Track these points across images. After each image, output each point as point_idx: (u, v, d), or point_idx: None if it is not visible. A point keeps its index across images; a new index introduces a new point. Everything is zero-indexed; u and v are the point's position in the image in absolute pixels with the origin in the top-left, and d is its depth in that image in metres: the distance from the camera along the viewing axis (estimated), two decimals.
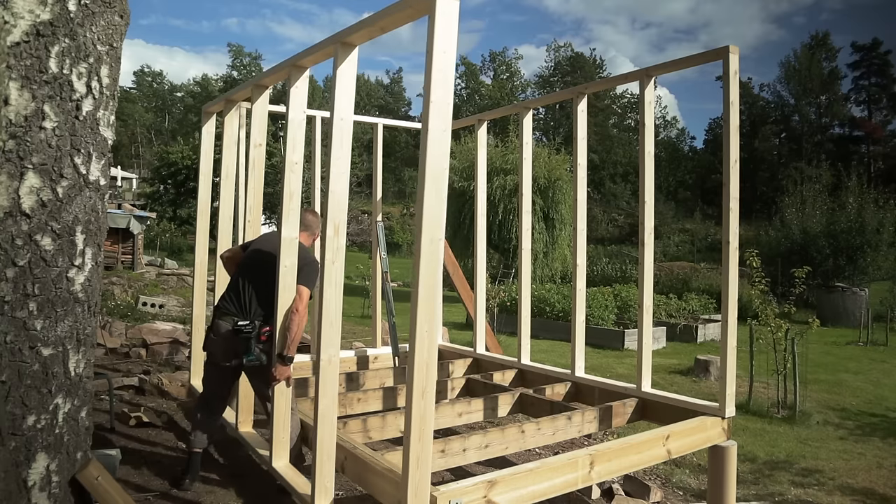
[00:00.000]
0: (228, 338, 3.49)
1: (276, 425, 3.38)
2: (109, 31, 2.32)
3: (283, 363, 3.32)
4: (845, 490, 4.58)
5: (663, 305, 13.53)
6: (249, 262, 3.67)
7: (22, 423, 2.10)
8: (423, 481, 2.37)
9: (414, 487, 2.34)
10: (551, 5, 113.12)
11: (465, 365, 5.47)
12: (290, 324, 3.30)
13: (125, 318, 9.46)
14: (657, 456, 3.42)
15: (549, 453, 4.68)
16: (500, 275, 18.55)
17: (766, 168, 48.48)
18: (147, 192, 33.67)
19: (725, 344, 3.56)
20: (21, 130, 2.07)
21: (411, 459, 2.34)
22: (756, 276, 7.37)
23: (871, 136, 50.48)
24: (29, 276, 2.11)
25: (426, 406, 2.38)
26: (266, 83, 3.80)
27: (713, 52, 3.62)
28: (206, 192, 4.96)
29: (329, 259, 2.79)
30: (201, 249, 4.98)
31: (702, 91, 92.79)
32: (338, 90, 2.75)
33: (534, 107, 5.31)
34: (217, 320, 3.58)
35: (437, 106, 2.26)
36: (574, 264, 4.52)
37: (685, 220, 45.64)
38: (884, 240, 17.59)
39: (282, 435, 3.41)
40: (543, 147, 21.10)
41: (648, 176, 3.99)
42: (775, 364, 6.98)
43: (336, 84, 2.75)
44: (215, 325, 3.58)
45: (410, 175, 57.29)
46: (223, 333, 3.52)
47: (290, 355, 3.33)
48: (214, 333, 3.58)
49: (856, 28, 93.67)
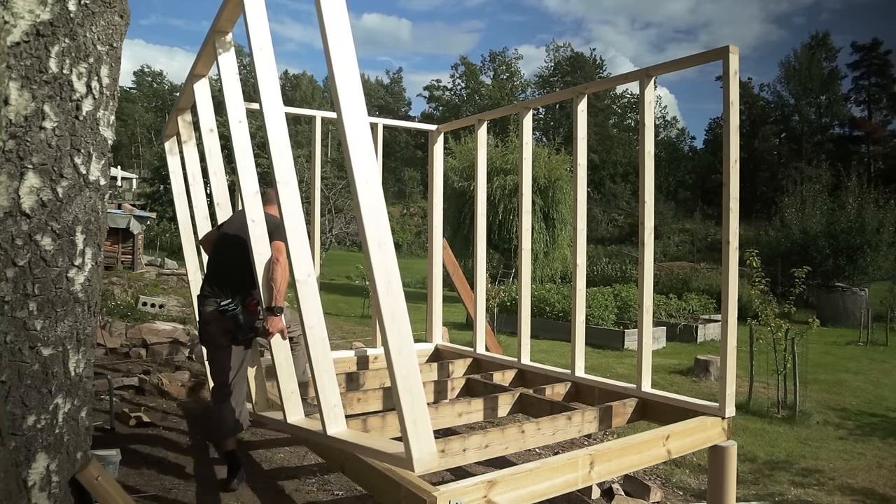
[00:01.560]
0: (216, 320, 3.57)
1: (281, 380, 3.35)
2: (109, 31, 2.32)
3: (272, 314, 3.35)
4: (845, 490, 4.58)
5: (663, 305, 13.53)
6: (220, 246, 3.79)
7: (22, 423, 2.10)
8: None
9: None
10: (551, 5, 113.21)
11: (465, 365, 5.47)
12: (274, 275, 3.35)
13: (125, 318, 9.46)
14: (657, 456, 3.42)
15: (549, 453, 4.68)
16: (500, 275, 18.55)
17: (766, 168, 48.50)
18: (147, 192, 33.67)
19: (725, 344, 3.56)
20: (21, 130, 2.07)
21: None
22: (756, 276, 7.37)
23: (871, 136, 50.50)
24: (29, 276, 2.11)
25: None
26: (200, 72, 3.93)
27: (713, 52, 3.62)
28: (184, 215, 4.85)
29: (281, 181, 2.95)
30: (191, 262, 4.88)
31: (702, 91, 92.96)
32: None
33: (534, 107, 5.31)
34: (201, 308, 3.67)
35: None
36: (574, 264, 4.52)
37: (685, 220, 45.66)
38: (884, 240, 17.58)
39: (289, 388, 3.38)
40: (543, 147, 21.10)
41: (648, 176, 3.99)
42: (775, 364, 6.98)
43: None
44: (202, 313, 3.68)
45: (410, 175, 57.33)
46: (209, 317, 3.60)
47: (279, 306, 3.36)
48: (203, 321, 3.67)
49: (856, 28, 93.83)
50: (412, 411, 2.22)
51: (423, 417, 2.26)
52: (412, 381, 2.22)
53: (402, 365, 2.22)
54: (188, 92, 4.08)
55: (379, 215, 2.30)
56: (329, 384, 2.89)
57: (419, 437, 2.25)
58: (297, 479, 3.99)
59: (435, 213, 6.04)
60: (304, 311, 2.94)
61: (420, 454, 2.25)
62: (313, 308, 2.97)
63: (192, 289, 4.94)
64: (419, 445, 2.25)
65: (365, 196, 2.29)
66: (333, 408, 2.90)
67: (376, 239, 2.27)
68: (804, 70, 50.35)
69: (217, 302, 3.56)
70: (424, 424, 2.26)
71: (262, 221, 3.40)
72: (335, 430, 2.88)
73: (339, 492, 3.86)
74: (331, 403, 2.89)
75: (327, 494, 3.83)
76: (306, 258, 3.00)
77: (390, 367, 2.22)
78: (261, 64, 3.02)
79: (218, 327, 3.60)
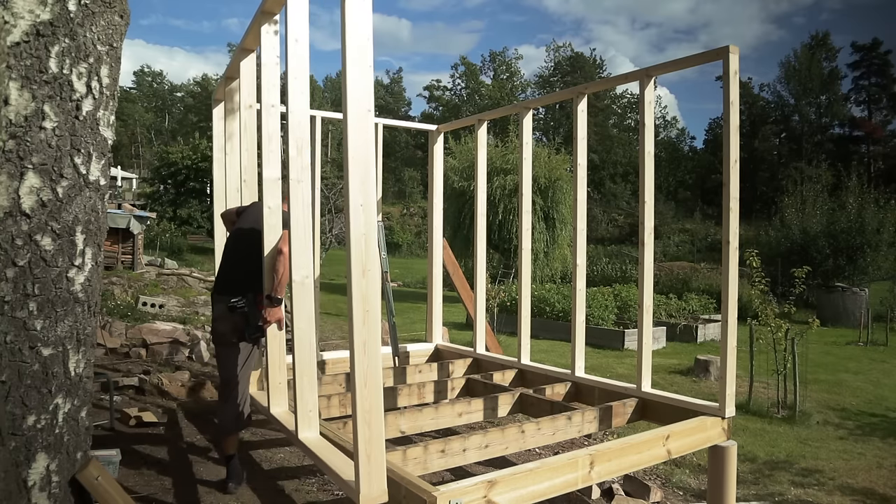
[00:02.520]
0: (227, 317, 3.59)
1: (271, 370, 3.36)
2: (109, 31, 2.32)
3: (272, 304, 3.36)
4: (845, 490, 4.58)
5: (663, 305, 13.53)
6: (234, 242, 3.79)
7: (22, 423, 2.10)
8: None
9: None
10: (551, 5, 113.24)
11: (465, 365, 5.46)
12: (277, 264, 3.35)
13: (125, 318, 9.46)
14: (657, 456, 3.41)
15: (549, 453, 4.68)
16: (500, 275, 18.55)
17: (766, 168, 48.50)
18: (147, 192, 33.66)
19: (725, 344, 3.56)
20: (21, 130, 2.07)
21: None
22: (756, 276, 7.36)
23: (871, 136, 50.49)
24: (29, 276, 2.11)
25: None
26: (249, 46, 3.85)
27: (713, 52, 3.62)
28: (220, 178, 4.79)
29: (294, 178, 2.88)
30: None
31: (702, 91, 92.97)
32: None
33: (534, 107, 5.30)
34: (214, 304, 3.71)
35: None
36: (574, 264, 4.52)
37: (685, 220, 45.65)
38: (884, 240, 17.57)
39: (278, 379, 3.39)
40: (543, 147, 21.09)
41: (648, 176, 3.98)
42: (775, 364, 6.97)
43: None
44: (214, 309, 3.72)
45: (410, 175, 57.32)
46: (221, 314, 3.63)
47: (279, 296, 3.37)
48: (214, 317, 3.71)
49: (856, 28, 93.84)
50: (367, 445, 2.21)
51: (379, 453, 2.24)
52: (374, 414, 2.19)
53: (365, 398, 2.19)
54: (235, 64, 4.04)
55: (369, 241, 2.22)
56: (308, 387, 2.89)
57: (371, 473, 2.24)
58: (297, 479, 3.99)
59: (435, 213, 6.04)
60: (296, 312, 2.93)
61: (369, 489, 2.24)
62: (305, 310, 2.96)
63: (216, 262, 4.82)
64: (369, 481, 2.24)
65: (357, 219, 2.21)
66: (309, 412, 2.91)
67: (361, 265, 2.20)
68: (804, 70, 50.34)
69: (228, 299, 3.57)
70: (378, 460, 2.24)
71: (278, 209, 3.39)
72: (306, 434, 2.90)
73: (339, 492, 3.86)
74: (307, 407, 2.90)
75: (327, 494, 3.83)
76: (307, 260, 2.99)
77: (353, 397, 2.19)
78: (294, 55, 2.94)
79: (227, 324, 3.61)
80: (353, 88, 2.22)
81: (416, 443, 3.38)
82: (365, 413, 2.19)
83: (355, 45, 2.22)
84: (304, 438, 2.89)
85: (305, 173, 2.94)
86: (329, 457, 2.70)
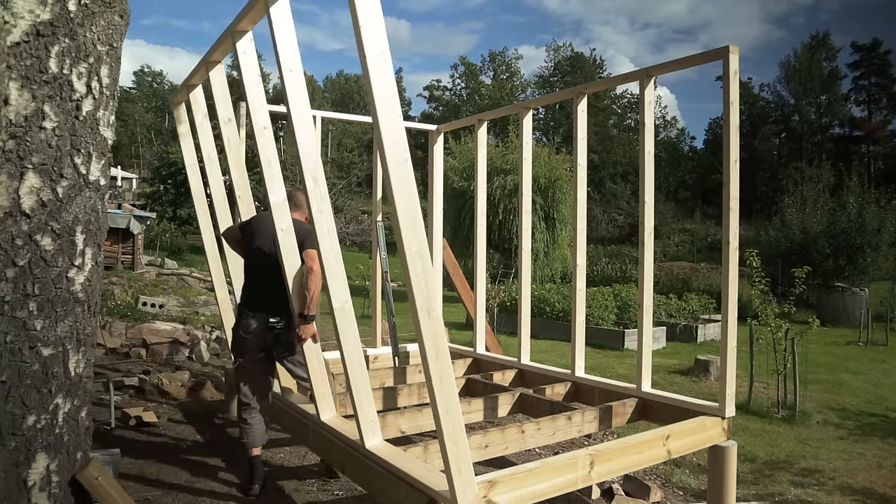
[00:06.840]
0: (259, 334, 3.64)
1: (315, 382, 3.45)
2: (109, 31, 2.32)
3: (305, 322, 3.43)
4: (845, 490, 4.58)
5: (663, 305, 13.52)
6: (258, 261, 3.77)
7: (22, 423, 2.10)
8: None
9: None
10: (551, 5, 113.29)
11: (465, 365, 5.46)
12: (309, 283, 3.41)
13: (125, 318, 9.46)
14: (657, 456, 3.41)
15: (549, 453, 4.68)
16: (500, 275, 18.55)
17: (766, 168, 48.51)
18: (147, 192, 33.67)
19: (725, 344, 3.56)
20: (21, 130, 2.07)
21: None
22: (756, 276, 7.36)
23: (871, 136, 50.48)
24: (29, 276, 2.11)
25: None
26: (216, 59, 3.86)
27: (713, 52, 3.62)
28: (197, 183, 4.80)
29: (316, 209, 2.95)
30: (208, 238, 4.85)
31: (702, 91, 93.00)
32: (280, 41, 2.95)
33: (534, 107, 5.30)
34: (245, 320, 3.68)
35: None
36: (574, 264, 4.52)
37: (685, 220, 45.62)
38: (884, 240, 17.56)
39: (323, 389, 3.47)
40: (543, 147, 21.05)
41: (648, 176, 3.98)
42: (775, 364, 6.97)
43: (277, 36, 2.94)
44: (244, 324, 3.68)
45: None
46: (254, 331, 3.64)
47: (312, 314, 3.44)
48: (244, 332, 3.68)
49: (856, 28, 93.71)
50: (457, 461, 2.42)
51: (467, 467, 2.46)
52: (458, 434, 2.42)
53: (448, 423, 2.41)
54: (200, 72, 4.02)
55: (429, 285, 2.36)
56: (366, 401, 3.02)
57: (464, 485, 2.44)
58: (297, 479, 3.99)
59: (435, 213, 6.04)
60: (342, 337, 3.04)
61: (464, 499, 2.44)
62: (350, 333, 3.08)
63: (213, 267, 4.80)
64: (464, 492, 2.44)
65: (414, 266, 2.33)
66: (371, 422, 3.03)
67: (426, 308, 2.36)
68: (804, 70, 50.33)
69: (265, 317, 3.63)
70: (468, 472, 2.46)
71: (290, 229, 3.42)
72: (373, 443, 3.02)
73: (339, 492, 3.86)
74: (368, 418, 3.02)
75: (327, 494, 3.83)
76: (342, 287, 3.08)
77: (438, 423, 2.41)
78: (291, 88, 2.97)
79: (258, 340, 3.66)
80: (388, 140, 2.30)
81: (416, 443, 3.38)
82: (450, 434, 2.41)
83: (386, 107, 2.30)
84: (372, 447, 3.01)
85: (325, 203, 3.01)
86: (409, 466, 2.80)
